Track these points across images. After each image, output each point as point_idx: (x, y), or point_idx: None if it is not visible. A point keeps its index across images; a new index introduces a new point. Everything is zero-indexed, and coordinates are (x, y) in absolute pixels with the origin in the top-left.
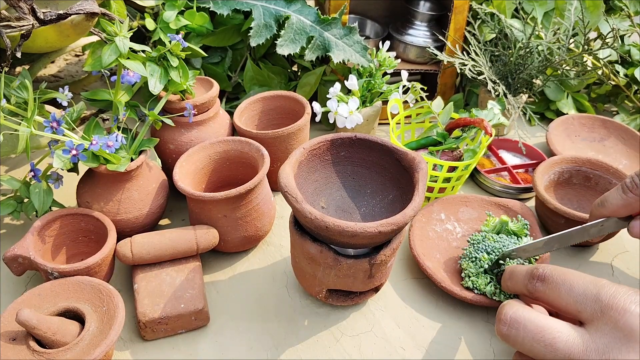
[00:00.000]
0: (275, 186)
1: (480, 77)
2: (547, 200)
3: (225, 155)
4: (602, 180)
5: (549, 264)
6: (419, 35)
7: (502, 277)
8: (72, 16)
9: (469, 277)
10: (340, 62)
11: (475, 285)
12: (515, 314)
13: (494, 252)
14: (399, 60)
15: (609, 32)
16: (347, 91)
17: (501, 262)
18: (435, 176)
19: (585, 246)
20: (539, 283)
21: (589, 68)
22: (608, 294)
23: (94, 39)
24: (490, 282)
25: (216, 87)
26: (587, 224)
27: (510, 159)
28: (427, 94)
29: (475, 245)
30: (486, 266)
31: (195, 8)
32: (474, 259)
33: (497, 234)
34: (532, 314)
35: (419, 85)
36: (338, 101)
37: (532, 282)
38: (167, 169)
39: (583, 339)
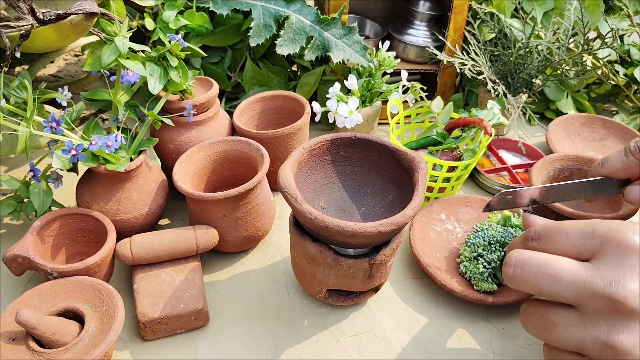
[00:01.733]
0: (275, 186)
1: (480, 77)
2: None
3: (225, 155)
4: None
5: None
6: (418, 35)
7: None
8: (72, 16)
9: (463, 261)
10: (339, 61)
11: (467, 270)
12: (519, 255)
13: (492, 240)
14: (399, 60)
15: (608, 31)
16: (347, 91)
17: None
18: (435, 176)
19: None
20: (535, 242)
21: (588, 68)
22: (604, 228)
23: (94, 38)
24: (483, 271)
25: (216, 87)
26: (584, 180)
27: (510, 158)
28: (427, 93)
29: (476, 232)
30: (480, 251)
31: (194, 8)
32: (470, 245)
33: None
34: (535, 254)
35: (418, 85)
36: (338, 101)
37: (528, 244)
38: (167, 168)
39: (587, 268)
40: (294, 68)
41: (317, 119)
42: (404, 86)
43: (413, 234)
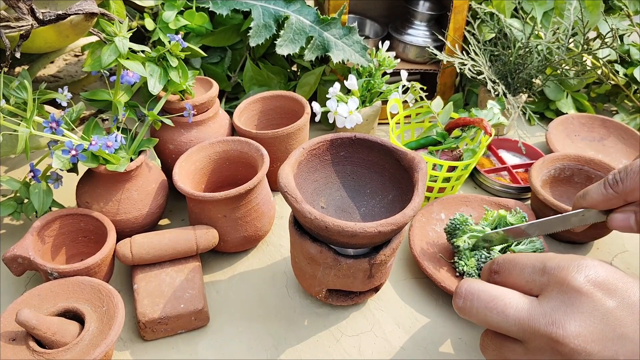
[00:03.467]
0: (275, 186)
1: (480, 77)
2: (539, 191)
3: (225, 155)
4: None
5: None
6: (418, 35)
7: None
8: (71, 16)
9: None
10: (339, 62)
11: (463, 267)
12: (469, 286)
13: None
14: (399, 60)
15: (608, 31)
16: (347, 91)
17: (481, 246)
18: (435, 176)
19: (581, 243)
20: (496, 275)
21: (588, 68)
22: (552, 265)
23: (93, 39)
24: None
25: (215, 87)
26: (567, 213)
27: (510, 158)
28: (427, 93)
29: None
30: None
31: (194, 8)
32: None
33: (495, 228)
34: (485, 286)
35: (418, 85)
36: (337, 101)
37: (491, 277)
38: (167, 169)
39: (532, 304)
40: (294, 68)
41: (317, 119)
42: (403, 86)
43: (413, 235)
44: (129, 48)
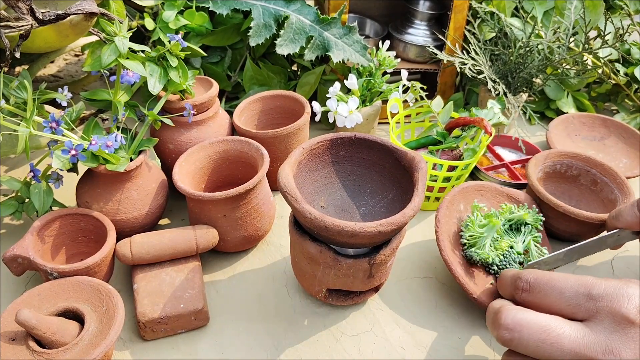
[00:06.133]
0: (274, 186)
1: (480, 76)
2: (535, 185)
3: (225, 155)
4: (607, 188)
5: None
6: (418, 34)
7: (497, 283)
8: (71, 16)
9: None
10: (339, 61)
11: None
12: (515, 317)
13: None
14: (399, 59)
15: (610, 32)
16: (347, 90)
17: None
18: (435, 175)
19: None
20: (525, 294)
21: (589, 67)
22: (600, 293)
23: (94, 38)
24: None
25: (215, 87)
26: (603, 235)
27: (507, 155)
28: (427, 93)
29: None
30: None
31: (194, 8)
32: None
33: (510, 227)
34: (531, 315)
35: (418, 85)
36: (338, 100)
37: (518, 294)
38: (167, 168)
39: (585, 333)
40: (294, 68)
41: (317, 118)
42: (404, 85)
43: (440, 230)
44: (129, 48)
